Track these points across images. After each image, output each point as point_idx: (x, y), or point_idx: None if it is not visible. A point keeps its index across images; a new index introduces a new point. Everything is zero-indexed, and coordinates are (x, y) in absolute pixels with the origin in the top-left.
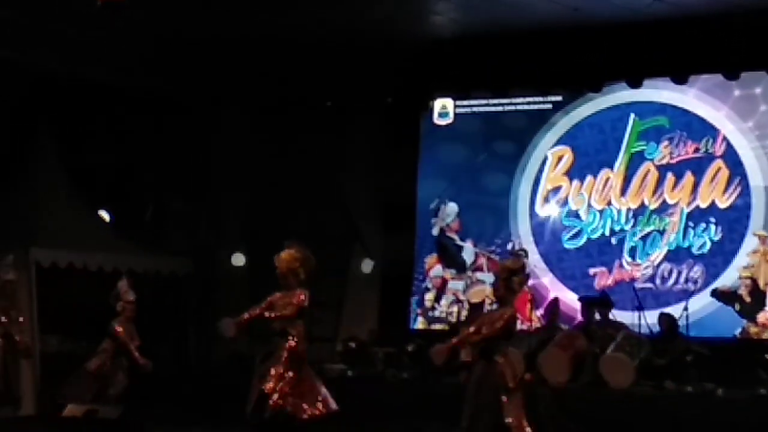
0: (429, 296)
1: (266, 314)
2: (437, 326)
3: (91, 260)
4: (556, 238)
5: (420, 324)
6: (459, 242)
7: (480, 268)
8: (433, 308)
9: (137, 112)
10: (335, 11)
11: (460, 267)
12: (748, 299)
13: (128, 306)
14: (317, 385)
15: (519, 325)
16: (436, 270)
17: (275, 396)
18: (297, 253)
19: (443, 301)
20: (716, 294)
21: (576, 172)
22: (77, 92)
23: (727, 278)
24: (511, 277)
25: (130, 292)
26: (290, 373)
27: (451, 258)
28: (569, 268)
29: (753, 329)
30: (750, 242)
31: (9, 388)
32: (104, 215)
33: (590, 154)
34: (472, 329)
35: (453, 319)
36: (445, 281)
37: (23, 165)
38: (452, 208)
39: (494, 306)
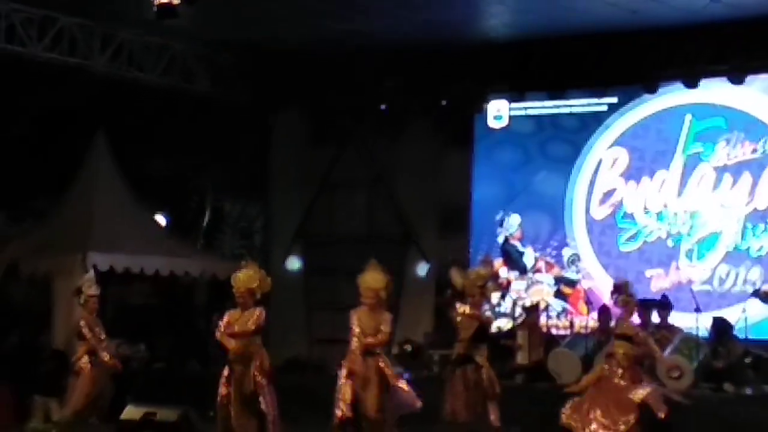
0: (495, 295)
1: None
2: (502, 321)
3: (147, 264)
4: (611, 241)
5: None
6: (521, 249)
7: (539, 270)
8: (498, 305)
9: (193, 116)
10: (389, 16)
11: (522, 270)
12: None
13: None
14: None
15: (576, 327)
16: (502, 272)
17: None
18: (255, 273)
19: (507, 300)
20: (759, 294)
21: (631, 174)
22: (134, 97)
23: None
24: (486, 284)
25: None
26: None
27: (514, 262)
28: (625, 270)
29: None
30: None
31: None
32: (160, 219)
33: (646, 155)
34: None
35: (516, 314)
36: (509, 282)
37: (81, 170)
38: (515, 219)
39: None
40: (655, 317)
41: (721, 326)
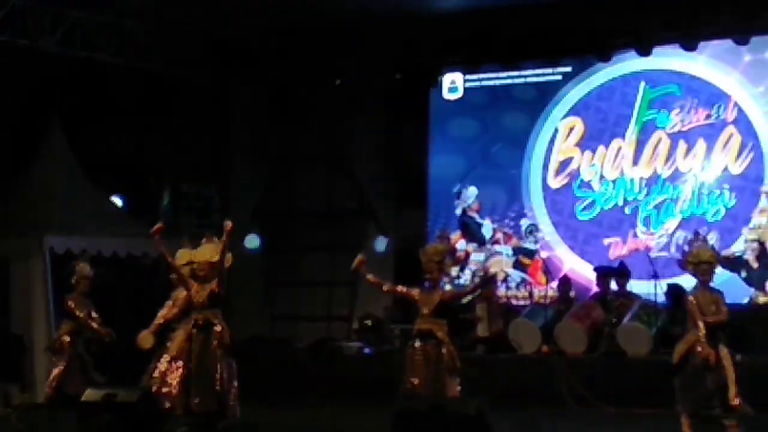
0: (454, 268)
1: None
2: None
3: (105, 246)
4: (569, 210)
5: (447, 288)
6: (479, 220)
7: (497, 242)
8: (458, 277)
9: (148, 96)
10: None
11: (480, 241)
12: (755, 265)
13: None
14: None
15: (536, 298)
16: (460, 244)
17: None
18: (216, 247)
19: (467, 272)
20: (720, 260)
21: (587, 143)
22: (88, 78)
23: (742, 244)
24: (443, 260)
25: None
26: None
27: (472, 234)
28: (583, 239)
29: (762, 299)
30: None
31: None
32: (117, 201)
33: (601, 124)
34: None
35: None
36: (468, 254)
37: (35, 152)
38: (472, 191)
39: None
40: (613, 285)
41: (675, 292)
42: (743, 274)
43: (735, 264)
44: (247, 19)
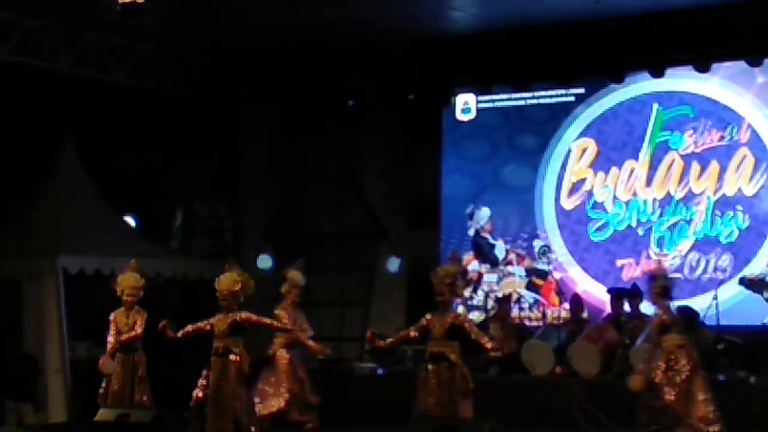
0: (467, 289)
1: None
2: (475, 314)
3: (118, 266)
4: (582, 231)
5: (459, 309)
6: (492, 241)
7: (510, 263)
8: (471, 298)
9: (160, 116)
10: (355, 10)
11: (493, 262)
12: None
13: None
14: None
15: (549, 319)
16: (473, 266)
17: None
18: (238, 276)
19: (479, 293)
20: (744, 282)
21: (600, 164)
22: (100, 98)
23: (756, 266)
24: (455, 282)
25: None
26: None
27: (485, 255)
28: (596, 260)
29: None
30: None
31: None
32: (130, 221)
33: (614, 145)
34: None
35: (489, 307)
36: (480, 275)
37: (48, 172)
38: (485, 212)
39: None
40: (627, 306)
41: (686, 315)
42: (765, 295)
43: (757, 285)
44: (258, 39)
